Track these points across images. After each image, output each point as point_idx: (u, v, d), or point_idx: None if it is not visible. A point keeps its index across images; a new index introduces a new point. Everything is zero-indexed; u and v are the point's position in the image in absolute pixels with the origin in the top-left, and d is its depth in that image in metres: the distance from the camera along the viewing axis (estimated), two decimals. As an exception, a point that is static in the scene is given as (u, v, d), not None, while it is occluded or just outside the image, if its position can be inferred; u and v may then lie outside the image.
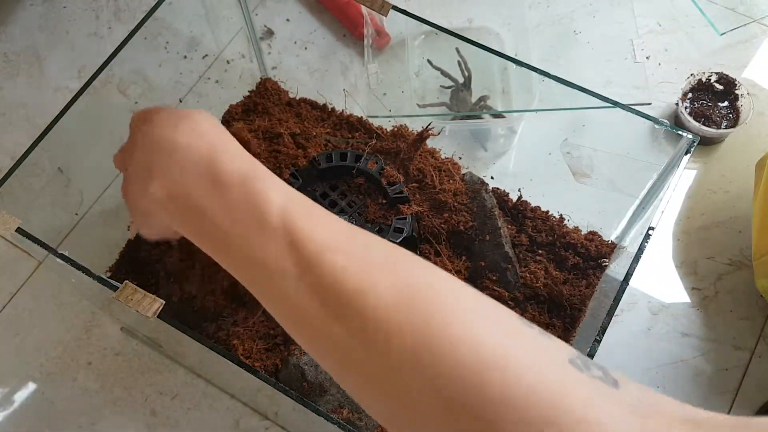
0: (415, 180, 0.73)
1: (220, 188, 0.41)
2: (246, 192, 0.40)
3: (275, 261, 0.38)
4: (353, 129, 0.82)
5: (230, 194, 0.40)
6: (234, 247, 0.40)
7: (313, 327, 0.37)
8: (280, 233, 0.38)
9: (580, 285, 0.75)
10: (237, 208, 0.40)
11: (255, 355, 0.66)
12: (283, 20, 1.00)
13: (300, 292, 0.37)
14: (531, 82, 0.83)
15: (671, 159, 0.65)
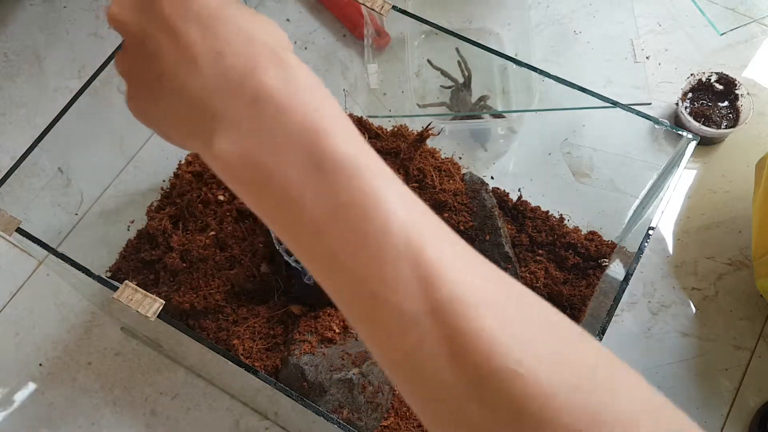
0: (415, 180, 0.73)
1: (323, 177, 0.29)
2: (357, 189, 0.28)
3: (398, 298, 0.28)
4: (353, 129, 0.82)
5: (336, 189, 0.28)
6: (330, 256, 0.29)
7: (448, 404, 0.28)
8: (404, 262, 0.28)
9: (580, 285, 0.75)
10: (343, 208, 0.28)
11: (255, 355, 0.66)
12: (283, 20, 1.00)
13: (436, 357, 0.27)
14: (531, 82, 0.83)
15: (671, 159, 0.65)
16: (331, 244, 0.29)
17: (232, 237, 0.69)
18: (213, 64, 0.31)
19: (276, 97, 0.30)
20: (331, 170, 0.29)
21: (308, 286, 0.64)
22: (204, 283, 0.68)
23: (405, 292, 0.28)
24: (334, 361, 0.61)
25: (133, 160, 0.87)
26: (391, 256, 0.28)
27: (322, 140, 0.29)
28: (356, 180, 0.29)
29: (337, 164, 0.29)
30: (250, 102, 0.30)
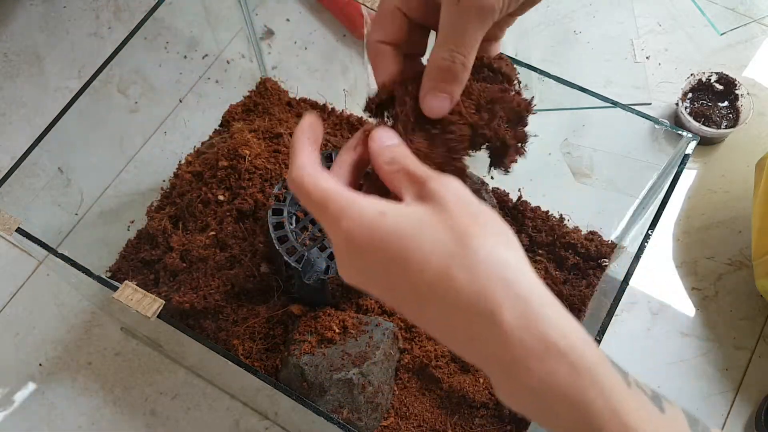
0: (415, 180, 0.73)
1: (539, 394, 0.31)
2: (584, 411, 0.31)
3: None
4: (353, 129, 0.82)
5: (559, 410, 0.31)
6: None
7: None
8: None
9: (580, 285, 0.75)
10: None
11: (255, 355, 0.66)
12: (283, 20, 1.00)
13: None
14: (531, 82, 0.83)
15: (671, 159, 0.65)
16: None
17: (232, 237, 0.69)
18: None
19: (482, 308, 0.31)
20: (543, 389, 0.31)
21: (308, 286, 0.64)
22: (204, 283, 0.68)
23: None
24: (334, 361, 0.61)
25: (133, 160, 0.87)
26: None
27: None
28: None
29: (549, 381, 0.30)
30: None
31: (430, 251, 0.31)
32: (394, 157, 0.36)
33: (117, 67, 0.67)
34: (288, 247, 0.64)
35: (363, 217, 0.32)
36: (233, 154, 0.73)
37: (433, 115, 0.40)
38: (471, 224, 0.32)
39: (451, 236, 0.32)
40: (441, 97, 0.39)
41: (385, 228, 0.32)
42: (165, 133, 0.89)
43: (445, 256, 0.31)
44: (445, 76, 0.38)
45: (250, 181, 0.71)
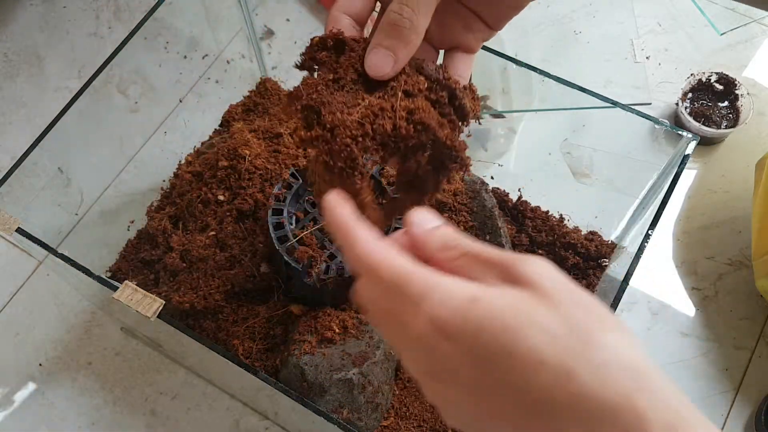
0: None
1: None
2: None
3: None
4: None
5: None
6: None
7: None
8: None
9: (580, 285, 0.75)
10: None
11: (255, 355, 0.66)
12: (283, 20, 1.00)
13: None
14: (531, 82, 0.83)
15: (671, 159, 0.65)
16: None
17: (232, 237, 0.69)
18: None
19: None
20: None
21: (308, 286, 0.64)
22: (204, 283, 0.68)
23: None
24: (334, 361, 0.61)
25: (133, 160, 0.87)
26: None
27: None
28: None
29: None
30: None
31: (544, 346, 0.26)
32: (446, 242, 0.31)
33: (117, 67, 0.67)
34: (288, 247, 0.64)
35: (453, 300, 0.27)
36: (233, 154, 0.73)
37: (372, 72, 0.37)
38: (585, 316, 0.27)
39: (566, 329, 0.26)
40: (383, 53, 0.36)
41: (481, 318, 0.26)
42: (165, 133, 0.89)
43: (565, 352, 0.26)
44: (390, 31, 0.36)
45: (250, 181, 0.71)
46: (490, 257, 0.29)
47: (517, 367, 0.26)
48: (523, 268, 0.28)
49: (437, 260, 0.31)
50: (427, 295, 0.27)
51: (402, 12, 0.35)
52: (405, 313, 0.28)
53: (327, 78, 0.37)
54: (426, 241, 0.31)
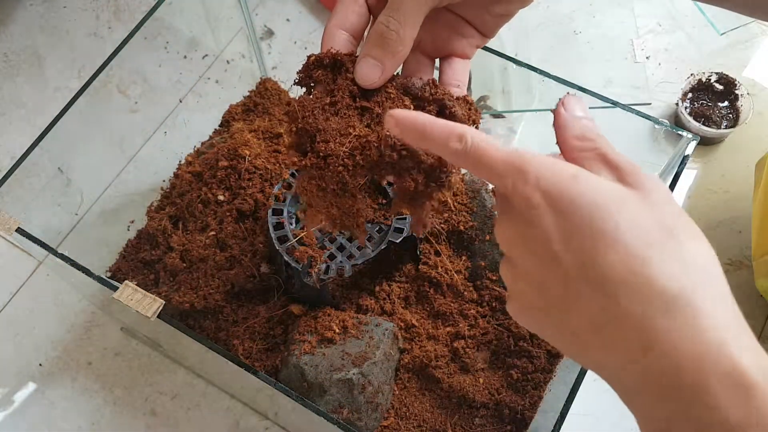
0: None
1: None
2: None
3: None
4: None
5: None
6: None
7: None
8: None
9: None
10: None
11: (255, 355, 0.66)
12: (283, 20, 1.00)
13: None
14: (531, 82, 0.83)
15: (671, 159, 0.65)
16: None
17: (232, 237, 0.69)
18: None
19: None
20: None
21: (308, 286, 0.64)
22: (204, 283, 0.68)
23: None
24: (334, 361, 0.61)
25: (133, 160, 0.87)
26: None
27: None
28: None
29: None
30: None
31: (629, 231, 0.28)
32: (585, 132, 0.33)
33: (117, 67, 0.67)
34: (288, 247, 0.64)
35: (559, 173, 0.30)
36: (233, 154, 0.73)
37: (361, 81, 0.38)
38: (678, 220, 0.29)
39: (658, 225, 0.28)
40: (371, 63, 0.38)
41: (576, 193, 0.29)
42: (165, 133, 0.89)
43: (647, 242, 0.28)
44: (377, 41, 0.37)
45: (250, 181, 0.71)
46: (617, 160, 0.32)
47: (597, 240, 0.28)
48: (640, 178, 0.31)
49: (570, 145, 0.33)
50: (538, 168, 0.30)
51: (389, 24, 0.36)
52: (514, 185, 0.30)
53: (324, 102, 0.39)
54: (568, 126, 0.34)
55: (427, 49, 0.43)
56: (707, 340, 0.27)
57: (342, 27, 0.40)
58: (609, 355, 0.29)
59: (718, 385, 0.26)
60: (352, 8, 0.39)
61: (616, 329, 0.28)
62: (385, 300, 0.69)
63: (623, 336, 0.28)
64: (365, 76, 0.38)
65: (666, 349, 0.27)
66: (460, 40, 0.42)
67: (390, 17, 0.37)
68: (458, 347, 0.68)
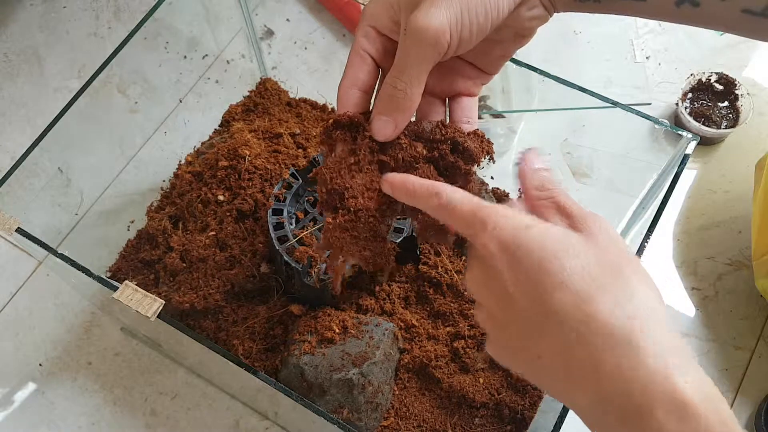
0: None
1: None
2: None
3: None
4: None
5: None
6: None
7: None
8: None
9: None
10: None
11: (255, 355, 0.66)
12: (283, 20, 1.00)
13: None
14: (531, 82, 0.83)
15: (671, 159, 0.65)
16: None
17: (232, 237, 0.69)
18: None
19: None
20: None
21: (308, 286, 0.64)
22: (204, 283, 0.68)
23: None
24: (334, 361, 0.61)
25: (133, 160, 0.87)
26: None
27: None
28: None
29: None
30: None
31: (576, 273, 0.31)
32: (542, 183, 0.37)
33: (117, 67, 0.67)
34: (288, 247, 0.64)
35: (506, 226, 0.33)
36: (233, 154, 0.73)
37: (377, 137, 0.42)
38: (622, 261, 0.32)
39: (601, 267, 0.32)
40: (384, 120, 0.41)
41: (530, 240, 0.32)
42: (165, 133, 0.89)
43: (592, 283, 0.31)
44: (388, 102, 0.40)
45: (250, 181, 0.71)
46: (569, 208, 0.36)
47: (545, 281, 0.31)
48: (587, 222, 0.34)
49: (530, 195, 0.37)
50: (497, 219, 0.34)
51: (396, 85, 0.40)
52: (476, 234, 0.35)
53: (348, 162, 0.43)
54: (528, 177, 0.38)
55: (435, 91, 0.46)
56: (650, 367, 0.30)
57: (354, 86, 0.43)
58: (574, 387, 0.32)
59: (660, 409, 0.29)
60: (361, 67, 0.43)
61: (573, 363, 0.31)
62: (385, 300, 0.69)
63: (580, 369, 0.31)
64: (381, 133, 0.42)
65: (615, 378, 0.30)
66: (465, 81, 0.45)
67: (397, 79, 0.39)
68: (458, 347, 0.68)
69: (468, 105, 0.46)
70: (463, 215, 0.35)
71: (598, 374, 0.30)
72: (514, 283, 0.32)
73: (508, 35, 0.43)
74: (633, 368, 0.30)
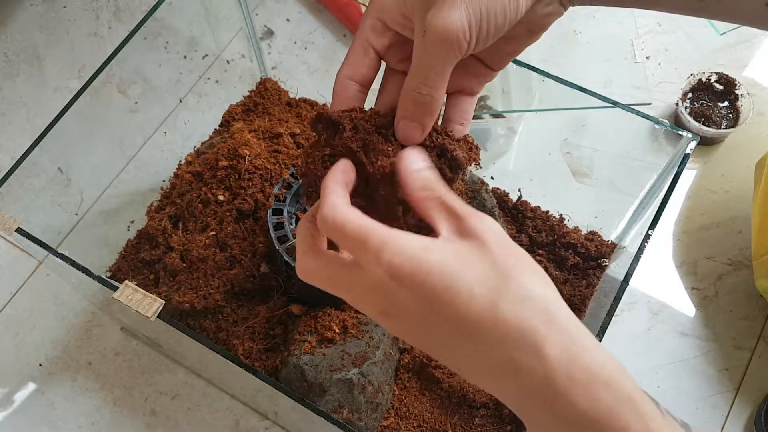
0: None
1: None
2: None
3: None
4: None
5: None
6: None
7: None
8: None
9: (580, 285, 0.75)
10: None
11: (255, 355, 0.66)
12: (283, 20, 1.00)
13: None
14: (531, 82, 0.83)
15: (671, 159, 0.65)
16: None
17: (232, 237, 0.69)
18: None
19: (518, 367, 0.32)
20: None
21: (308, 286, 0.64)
22: (204, 283, 0.68)
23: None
24: (334, 361, 0.61)
25: (133, 160, 0.87)
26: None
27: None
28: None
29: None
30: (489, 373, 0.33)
31: (478, 286, 0.32)
32: (425, 183, 0.37)
33: (117, 67, 0.67)
34: (288, 247, 0.64)
35: (407, 249, 0.33)
36: (233, 154, 0.73)
37: (405, 141, 0.41)
38: (513, 262, 0.33)
39: (496, 273, 0.33)
40: (411, 126, 0.40)
41: (431, 262, 0.33)
42: (165, 133, 0.89)
43: (492, 291, 0.32)
44: (414, 108, 0.39)
45: (250, 181, 0.71)
46: (453, 207, 0.35)
47: (456, 301, 0.32)
48: (471, 223, 0.34)
49: (414, 198, 0.37)
50: (386, 246, 0.33)
51: (420, 90, 0.38)
52: (369, 263, 0.34)
53: (324, 153, 0.41)
54: (409, 179, 0.37)
55: None
56: (558, 356, 0.32)
57: (352, 78, 0.41)
58: (496, 385, 0.34)
59: (574, 389, 0.31)
60: (363, 60, 0.41)
61: (493, 368, 0.33)
62: (385, 300, 0.69)
63: (501, 371, 0.33)
64: (409, 138, 0.40)
65: (532, 372, 0.32)
66: (469, 79, 0.44)
67: (421, 84, 0.38)
68: (458, 347, 0.67)
69: (466, 105, 0.45)
70: (353, 240, 0.34)
71: (516, 372, 0.32)
72: (423, 309, 0.33)
73: (521, 31, 0.42)
74: (542, 361, 0.32)
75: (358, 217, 0.35)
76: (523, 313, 0.32)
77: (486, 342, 0.32)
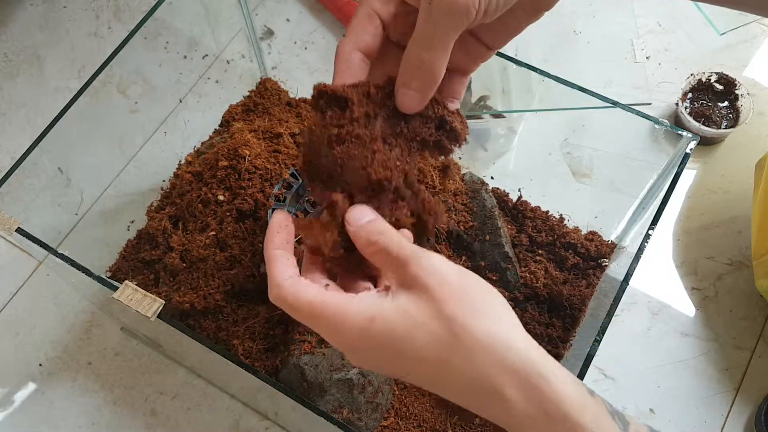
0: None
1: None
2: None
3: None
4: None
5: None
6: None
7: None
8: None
9: (580, 285, 0.75)
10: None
11: (255, 355, 0.66)
12: (283, 20, 1.00)
13: None
14: (531, 82, 0.83)
15: (671, 159, 0.65)
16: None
17: (232, 237, 0.69)
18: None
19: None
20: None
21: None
22: (204, 283, 0.68)
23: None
24: (334, 361, 0.61)
25: (133, 160, 0.87)
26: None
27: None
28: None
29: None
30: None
31: (426, 346, 0.34)
32: (369, 237, 0.37)
33: (117, 67, 0.67)
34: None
35: (354, 328, 0.35)
36: (233, 154, 0.73)
37: (403, 109, 0.40)
38: (457, 307, 0.34)
39: (440, 325, 0.34)
40: (410, 94, 0.39)
41: (378, 334, 0.34)
42: (165, 133, 0.89)
43: (440, 347, 0.34)
44: (414, 75, 0.38)
45: (250, 181, 0.71)
46: (394, 256, 0.36)
47: (408, 367, 0.34)
48: (411, 271, 0.35)
49: (366, 254, 0.37)
50: (336, 327, 0.35)
51: (423, 57, 0.37)
52: (327, 339, 0.36)
53: (331, 133, 0.40)
54: (356, 237, 0.38)
55: None
56: (513, 396, 0.34)
57: (356, 47, 0.40)
58: (484, 414, 0.36)
59: (506, 378, 0.34)
60: (368, 28, 0.40)
61: (468, 404, 0.35)
62: (385, 300, 0.69)
63: (476, 407, 0.35)
64: (407, 106, 0.39)
65: (497, 413, 0.34)
66: (465, 56, 0.43)
67: (423, 50, 0.37)
68: (458, 347, 0.67)
69: (457, 85, 0.44)
70: (307, 319, 0.36)
71: (488, 412, 0.35)
72: (385, 370, 0.36)
73: (526, 8, 0.41)
74: (503, 404, 0.34)
75: (304, 291, 0.36)
76: (474, 364, 0.33)
77: (451, 392, 0.35)
